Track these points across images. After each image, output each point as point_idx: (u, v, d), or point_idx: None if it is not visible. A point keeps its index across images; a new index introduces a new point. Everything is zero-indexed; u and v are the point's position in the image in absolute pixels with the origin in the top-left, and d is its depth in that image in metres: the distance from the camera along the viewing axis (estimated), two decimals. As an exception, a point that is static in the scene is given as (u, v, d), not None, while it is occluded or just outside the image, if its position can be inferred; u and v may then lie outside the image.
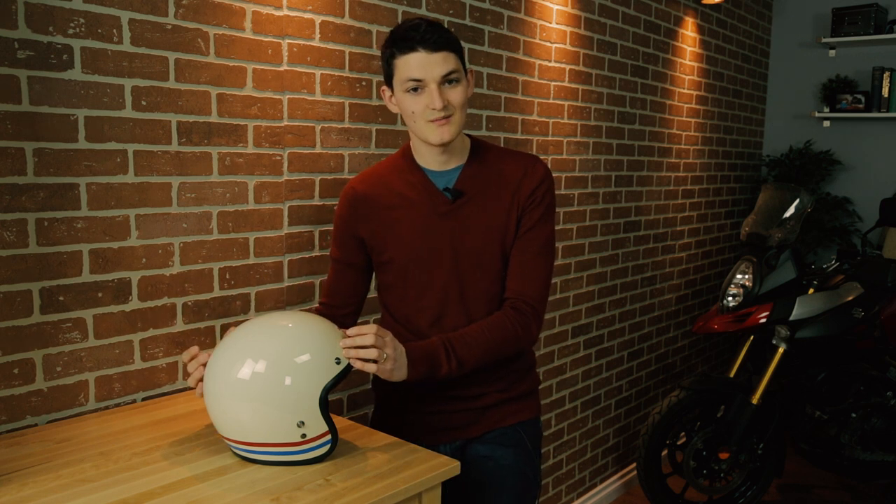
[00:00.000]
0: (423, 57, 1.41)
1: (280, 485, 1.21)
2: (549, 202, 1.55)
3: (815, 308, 2.80)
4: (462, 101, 1.46)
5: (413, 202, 1.54)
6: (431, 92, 1.42)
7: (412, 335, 1.56)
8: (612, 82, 3.04)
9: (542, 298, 1.54)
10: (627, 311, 3.33)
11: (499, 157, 1.58)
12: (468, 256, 1.53)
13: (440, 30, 1.44)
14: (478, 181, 1.54)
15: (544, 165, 1.57)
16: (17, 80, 1.37)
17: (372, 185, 1.58)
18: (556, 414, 2.94)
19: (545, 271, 1.54)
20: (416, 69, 1.41)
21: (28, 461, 1.28)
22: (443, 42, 1.42)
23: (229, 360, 1.27)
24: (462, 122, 1.48)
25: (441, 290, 1.54)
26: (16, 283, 1.40)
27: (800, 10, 4.33)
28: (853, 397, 3.00)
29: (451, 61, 1.43)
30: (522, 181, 1.53)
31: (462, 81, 1.46)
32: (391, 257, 1.56)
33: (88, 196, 1.49)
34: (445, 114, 1.44)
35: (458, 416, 1.59)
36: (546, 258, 1.54)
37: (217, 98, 1.69)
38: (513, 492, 1.59)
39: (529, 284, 1.52)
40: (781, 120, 4.42)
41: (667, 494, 3.00)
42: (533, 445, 1.64)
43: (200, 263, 1.70)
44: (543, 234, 1.54)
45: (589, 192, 2.97)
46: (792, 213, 2.99)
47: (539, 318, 1.53)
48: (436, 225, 1.53)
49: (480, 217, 1.53)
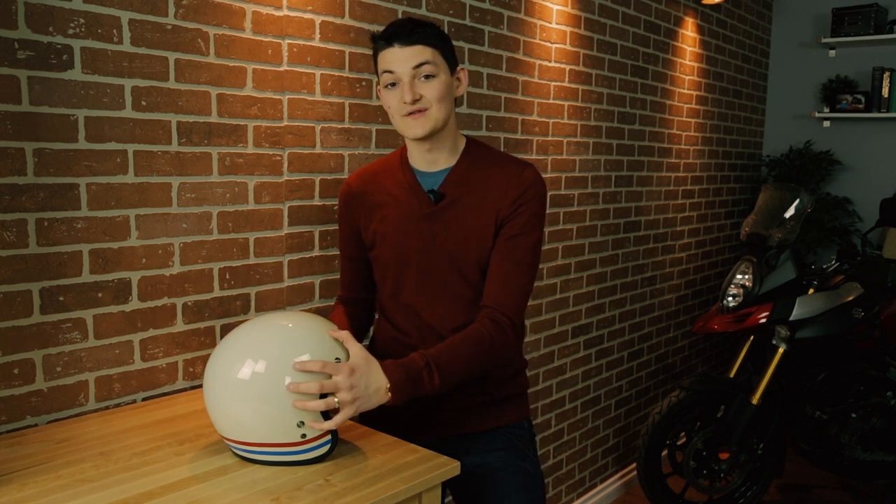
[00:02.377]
0: (397, 51, 1.42)
1: (280, 485, 1.21)
2: (535, 211, 1.50)
3: (815, 308, 2.80)
4: (439, 95, 1.44)
5: (399, 201, 1.55)
6: (404, 85, 1.43)
7: (396, 331, 1.59)
8: (612, 82, 3.04)
9: (520, 310, 1.49)
10: (627, 312, 3.33)
11: (490, 162, 1.55)
12: (446, 260, 1.52)
13: (420, 25, 1.43)
14: (462, 185, 1.52)
15: (533, 172, 1.51)
16: (17, 81, 1.37)
17: (365, 182, 1.61)
18: (556, 414, 2.94)
19: (525, 280, 1.49)
20: (390, 62, 1.43)
21: (28, 461, 1.28)
22: (418, 36, 1.42)
23: (229, 360, 1.27)
24: (442, 117, 1.46)
25: (418, 291, 1.54)
26: (16, 283, 1.40)
27: (800, 10, 4.33)
28: (853, 397, 3.00)
29: (426, 54, 1.42)
30: (506, 189, 1.49)
31: (440, 76, 1.44)
32: (377, 254, 1.58)
33: (88, 196, 1.49)
34: (418, 107, 1.43)
35: (437, 415, 1.59)
36: (527, 268, 1.49)
37: (217, 98, 1.69)
38: (516, 488, 1.57)
39: (508, 295, 1.47)
40: (781, 120, 4.42)
41: (667, 494, 3.00)
42: (523, 444, 1.63)
43: (200, 263, 1.70)
44: (526, 242, 1.48)
45: (589, 192, 2.97)
46: (792, 213, 2.99)
47: (516, 330, 1.48)
48: (417, 226, 1.53)
49: (460, 221, 1.51)
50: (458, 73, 1.51)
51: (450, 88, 1.47)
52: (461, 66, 1.53)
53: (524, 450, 1.62)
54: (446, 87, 1.46)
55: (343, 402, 1.26)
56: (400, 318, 1.59)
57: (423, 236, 1.53)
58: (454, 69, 1.50)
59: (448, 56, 1.47)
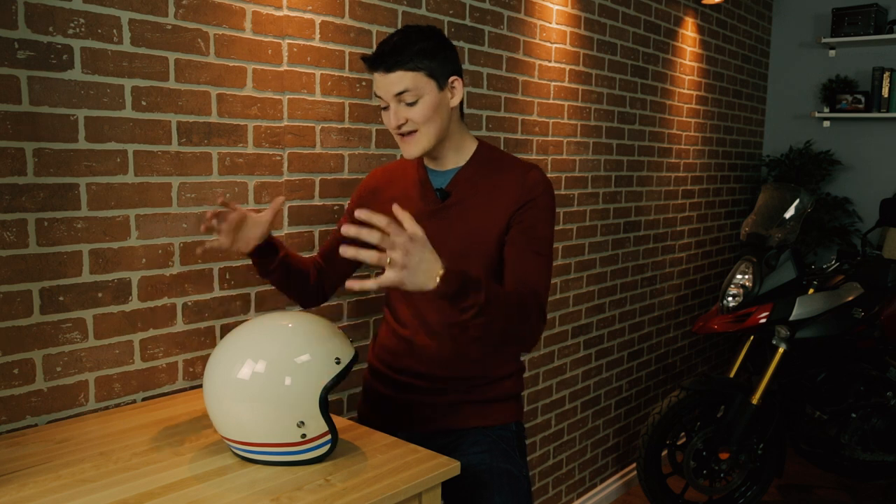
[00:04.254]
0: (381, 78, 1.45)
1: (280, 485, 1.21)
2: (546, 205, 1.50)
3: (815, 308, 2.80)
4: (424, 117, 1.44)
5: (410, 198, 1.58)
6: (391, 110, 1.46)
7: (398, 325, 1.63)
8: (612, 82, 3.04)
9: (545, 293, 1.46)
10: (627, 312, 3.33)
11: (498, 164, 1.56)
12: (447, 258, 1.51)
13: (399, 50, 1.42)
14: (469, 185, 1.54)
15: (539, 172, 1.53)
16: (17, 80, 1.37)
17: (384, 176, 1.68)
18: (556, 414, 2.94)
19: (544, 268, 1.48)
20: (377, 87, 1.47)
21: (28, 461, 1.28)
22: (397, 62, 1.41)
23: (229, 360, 1.27)
24: (433, 134, 1.47)
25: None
26: (16, 283, 1.40)
27: (800, 10, 4.33)
28: (853, 397, 3.00)
29: (406, 80, 1.42)
30: (512, 191, 1.50)
31: (424, 98, 1.43)
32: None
33: (88, 196, 1.49)
34: (405, 130, 1.47)
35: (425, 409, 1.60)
36: (545, 259, 1.48)
37: (217, 98, 1.69)
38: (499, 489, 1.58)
39: (531, 278, 1.45)
40: (781, 120, 4.42)
41: (667, 494, 3.00)
42: (509, 447, 1.62)
43: (200, 263, 1.70)
44: (541, 233, 1.49)
45: (589, 192, 2.97)
46: (792, 213, 2.99)
47: (542, 313, 1.44)
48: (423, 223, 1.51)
49: (465, 221, 1.52)
50: (453, 83, 1.48)
51: (438, 105, 1.46)
52: (454, 77, 1.49)
53: (510, 452, 1.62)
54: (431, 107, 1.45)
55: (393, 262, 1.18)
56: (400, 308, 1.63)
57: (428, 233, 1.52)
58: (445, 82, 1.47)
59: (435, 72, 1.45)
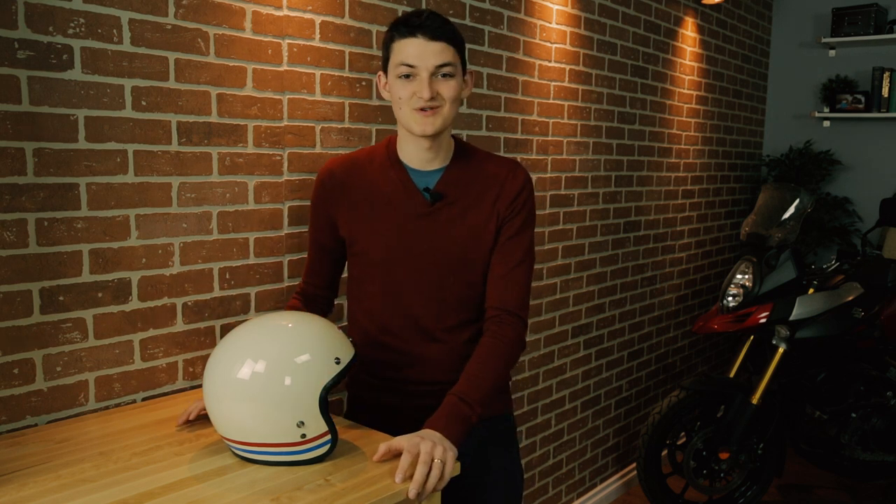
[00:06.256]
0: (421, 44, 1.40)
1: (280, 485, 1.21)
2: (530, 209, 1.55)
3: (815, 308, 2.80)
4: (454, 95, 1.44)
5: (391, 199, 1.52)
6: (422, 80, 1.41)
7: (380, 332, 1.56)
8: (612, 82, 3.04)
9: (525, 305, 1.53)
10: (627, 311, 3.33)
11: (481, 161, 1.56)
12: (446, 261, 1.51)
13: (443, 21, 1.42)
14: (459, 185, 1.52)
15: (525, 172, 1.56)
16: (17, 80, 1.37)
17: (349, 173, 1.55)
18: (556, 414, 2.94)
19: (526, 277, 1.53)
20: (411, 55, 1.40)
21: (28, 461, 1.28)
22: (443, 33, 1.40)
23: (229, 360, 1.27)
24: (450, 117, 1.46)
25: (415, 292, 1.53)
26: (16, 283, 1.40)
27: (800, 10, 4.33)
28: (853, 397, 3.00)
29: (449, 54, 1.41)
30: (503, 189, 1.52)
31: (457, 77, 1.44)
32: (363, 250, 1.55)
33: (88, 196, 1.49)
34: (433, 104, 1.42)
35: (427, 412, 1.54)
36: (527, 265, 1.54)
37: (217, 98, 1.69)
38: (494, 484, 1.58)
39: (513, 294, 1.51)
40: (781, 120, 4.42)
41: (667, 494, 3.00)
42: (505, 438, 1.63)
43: (200, 263, 1.70)
44: (524, 242, 1.53)
45: (589, 192, 2.97)
46: (792, 213, 2.99)
47: (524, 324, 1.52)
48: (413, 226, 1.51)
49: (460, 222, 1.51)
50: (466, 77, 1.50)
51: (461, 90, 1.47)
52: (470, 69, 1.53)
53: (505, 444, 1.62)
54: (458, 88, 1.46)
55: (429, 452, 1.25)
56: (389, 318, 1.55)
57: (420, 236, 1.51)
58: (465, 72, 1.50)
59: (463, 58, 1.48)
